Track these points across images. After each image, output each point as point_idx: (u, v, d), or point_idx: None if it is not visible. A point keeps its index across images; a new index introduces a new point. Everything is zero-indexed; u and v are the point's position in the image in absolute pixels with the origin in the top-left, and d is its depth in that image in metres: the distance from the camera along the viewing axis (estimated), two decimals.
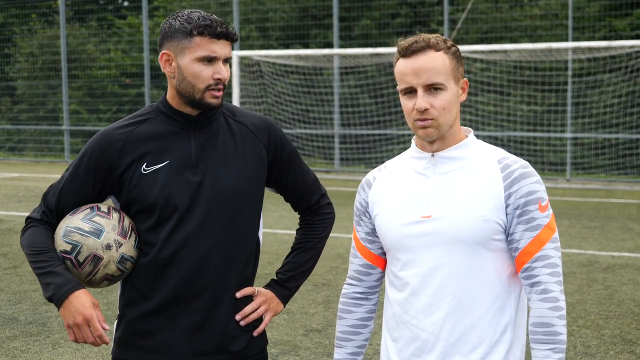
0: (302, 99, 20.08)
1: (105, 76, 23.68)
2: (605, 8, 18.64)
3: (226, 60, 2.65)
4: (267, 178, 2.78)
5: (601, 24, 18.75)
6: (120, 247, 2.60)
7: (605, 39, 18.39)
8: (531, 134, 18.39)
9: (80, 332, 2.54)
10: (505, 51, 17.05)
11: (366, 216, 2.55)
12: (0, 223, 11.55)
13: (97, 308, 2.55)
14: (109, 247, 2.58)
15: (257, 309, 2.75)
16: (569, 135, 17.97)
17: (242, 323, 2.71)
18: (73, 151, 23.25)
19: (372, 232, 2.55)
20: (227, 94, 19.44)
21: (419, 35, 2.40)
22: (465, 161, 2.42)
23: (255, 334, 2.75)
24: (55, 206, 2.67)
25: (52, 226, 2.67)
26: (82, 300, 2.53)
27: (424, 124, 2.36)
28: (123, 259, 2.61)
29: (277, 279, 2.88)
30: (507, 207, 2.36)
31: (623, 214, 12.87)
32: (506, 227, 2.38)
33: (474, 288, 2.36)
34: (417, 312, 2.40)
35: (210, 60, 2.61)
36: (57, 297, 2.53)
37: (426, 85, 2.34)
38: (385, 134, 19.55)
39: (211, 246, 2.64)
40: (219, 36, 2.61)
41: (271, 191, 2.90)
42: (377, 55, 17.84)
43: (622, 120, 17.78)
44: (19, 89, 25.01)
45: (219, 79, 2.62)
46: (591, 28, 18.81)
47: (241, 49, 20.68)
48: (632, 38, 18.01)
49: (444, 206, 2.38)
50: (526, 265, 2.36)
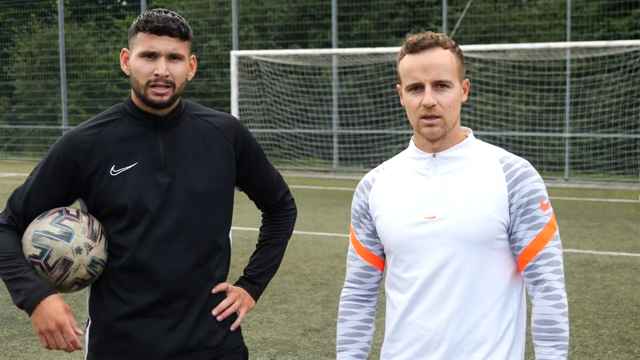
0: (301, 99, 20.08)
1: (104, 76, 23.67)
2: (603, 8, 18.65)
3: (174, 57, 2.58)
4: (235, 177, 2.77)
5: (599, 23, 18.76)
6: (90, 250, 2.55)
7: (603, 38, 18.40)
8: (529, 134, 18.40)
9: (52, 338, 2.50)
10: (503, 51, 17.06)
11: (366, 218, 2.54)
12: None
13: (70, 313, 2.51)
14: (79, 251, 2.54)
15: (232, 303, 2.76)
16: (567, 135, 17.98)
17: (219, 318, 2.71)
18: None
19: (373, 234, 2.54)
20: (226, 93, 19.46)
21: (426, 32, 2.41)
22: (466, 161, 2.42)
23: (232, 328, 2.76)
24: (23, 210, 2.61)
25: (20, 231, 2.60)
26: (54, 305, 2.48)
27: (430, 122, 2.36)
28: (94, 262, 2.57)
29: (246, 276, 2.88)
30: (510, 206, 2.37)
31: (621, 213, 12.88)
32: (509, 226, 2.39)
33: (479, 287, 2.37)
34: (421, 312, 2.40)
35: (150, 56, 2.56)
36: (29, 304, 2.49)
37: (434, 82, 2.34)
38: (384, 134, 19.55)
39: (185, 247, 2.63)
40: (158, 31, 2.55)
41: (236, 189, 2.87)
42: (376, 55, 17.84)
43: (621, 120, 17.79)
44: (18, 88, 25.00)
45: (157, 75, 2.56)
46: (589, 28, 18.83)
47: (240, 48, 20.67)
48: (631, 38, 18.02)
49: (447, 206, 2.38)
50: (529, 264, 2.37)
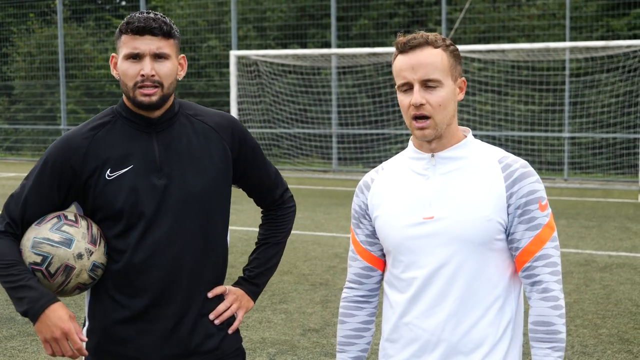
0: (300, 99, 20.08)
1: (103, 76, 23.66)
2: (602, 8, 18.66)
3: (159, 57, 2.56)
4: (232, 175, 2.75)
5: (598, 23, 18.77)
6: (91, 255, 2.55)
7: (602, 38, 18.41)
8: (529, 134, 18.40)
9: (58, 346, 2.49)
10: (502, 51, 17.06)
11: (366, 219, 2.54)
12: None
13: (74, 320, 2.51)
14: (80, 257, 2.53)
15: (229, 307, 2.74)
16: (566, 134, 17.98)
17: (217, 322, 2.70)
18: None
19: (372, 235, 2.54)
20: (225, 93, 19.46)
21: (418, 32, 2.40)
22: (465, 161, 2.42)
23: (230, 331, 2.74)
24: (20, 216, 2.58)
25: (17, 237, 2.58)
26: (59, 313, 2.48)
27: (421, 124, 2.36)
28: (95, 267, 2.56)
29: (245, 276, 2.86)
30: (508, 206, 2.36)
31: (620, 213, 12.88)
32: (507, 227, 2.38)
33: (477, 288, 2.36)
34: (419, 313, 2.40)
35: (135, 57, 2.55)
36: (33, 312, 2.47)
37: (422, 81, 2.34)
38: (383, 134, 19.55)
39: (182, 249, 2.61)
40: (140, 32, 2.53)
41: (234, 187, 2.86)
42: (375, 54, 17.84)
43: (620, 120, 17.80)
44: (17, 88, 24.99)
45: (143, 75, 2.53)
46: (588, 28, 18.83)
47: (239, 48, 20.67)
48: (629, 38, 18.02)
49: (446, 207, 2.37)
50: (527, 265, 2.36)
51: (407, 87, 2.37)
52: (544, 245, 2.36)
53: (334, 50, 18.33)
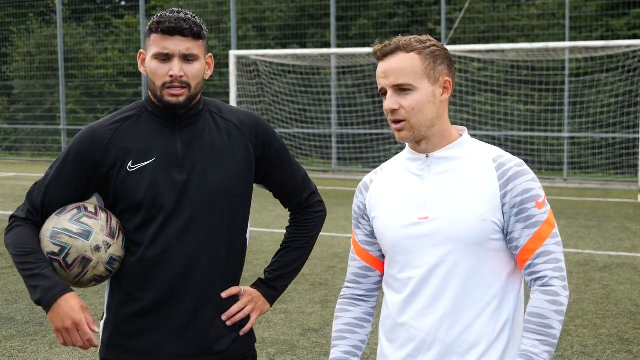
0: (300, 99, 20.08)
1: (103, 75, 23.67)
2: (602, 8, 18.66)
3: (188, 58, 2.57)
4: (255, 175, 2.75)
5: (598, 23, 18.77)
6: (109, 248, 2.56)
7: (602, 38, 18.42)
8: (528, 134, 18.40)
9: (69, 336, 2.50)
10: (502, 51, 17.06)
11: (364, 219, 2.55)
12: None
13: (86, 311, 2.51)
14: (97, 249, 2.54)
15: (243, 308, 2.73)
16: (566, 134, 17.98)
17: (229, 323, 2.69)
18: None
19: (371, 235, 2.55)
20: (225, 93, 19.46)
21: (395, 38, 2.42)
22: (460, 161, 2.42)
23: (241, 333, 2.73)
24: (41, 205, 2.61)
25: (37, 225, 2.61)
26: (71, 303, 2.49)
27: (397, 127, 2.38)
28: (112, 260, 2.58)
29: (264, 278, 2.85)
30: (503, 206, 2.36)
31: (620, 213, 12.88)
32: (503, 226, 2.37)
33: (472, 288, 2.36)
34: (415, 313, 2.39)
35: (164, 57, 2.56)
36: (46, 301, 2.49)
37: (394, 86, 2.36)
38: (383, 134, 19.55)
39: (198, 246, 2.61)
40: (170, 32, 2.54)
41: (260, 187, 2.86)
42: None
43: (619, 120, 17.80)
44: (16, 88, 25.00)
45: (172, 76, 2.56)
46: (588, 28, 18.83)
47: (238, 48, 20.67)
48: (629, 38, 18.03)
49: (440, 207, 2.37)
50: (528, 263, 2.35)
51: (385, 93, 2.39)
52: (544, 242, 2.35)
53: (333, 50, 18.33)
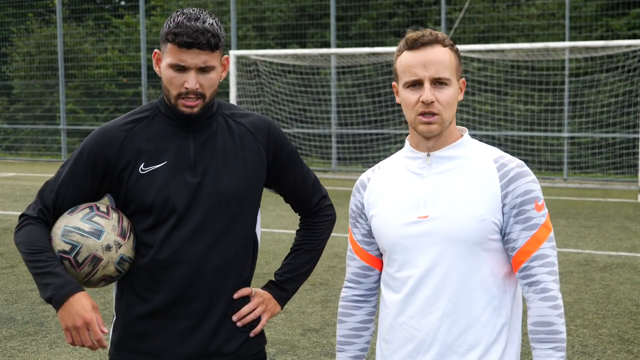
0: (299, 99, 20.08)
1: (102, 75, 23.66)
2: (602, 8, 18.66)
3: (204, 69, 2.55)
4: (266, 179, 2.75)
5: (598, 23, 18.77)
6: (119, 248, 2.56)
7: (602, 38, 18.42)
8: (528, 134, 18.40)
9: (78, 336, 2.49)
10: (502, 51, 17.07)
11: (362, 218, 2.54)
12: None
13: (97, 311, 2.51)
14: (108, 248, 2.55)
15: (254, 309, 2.73)
16: (565, 134, 17.98)
17: (239, 324, 2.69)
18: (70, 150, 23.23)
19: (369, 234, 2.54)
20: (225, 93, 19.45)
21: (425, 29, 2.40)
22: (461, 160, 2.41)
23: (251, 334, 2.73)
24: (53, 204, 2.61)
25: (48, 224, 2.61)
26: (82, 302, 2.48)
27: (428, 119, 2.35)
28: (122, 260, 2.58)
29: (275, 280, 2.85)
30: (503, 206, 2.35)
31: (620, 213, 12.88)
32: (502, 227, 2.37)
33: (471, 288, 2.35)
34: (413, 312, 2.39)
35: (180, 68, 2.55)
36: (57, 299, 2.48)
37: (434, 79, 2.34)
38: (382, 134, 19.55)
39: (209, 248, 2.61)
40: (188, 46, 2.51)
41: (271, 192, 2.87)
42: (374, 54, 17.84)
43: (619, 120, 17.80)
44: (16, 88, 24.99)
45: (187, 88, 2.55)
46: (588, 28, 18.83)
47: (238, 48, 20.67)
48: (629, 38, 18.03)
49: (440, 206, 2.37)
50: (524, 265, 2.35)
51: (415, 84, 2.36)
52: (540, 245, 2.34)
53: (333, 50, 18.33)
